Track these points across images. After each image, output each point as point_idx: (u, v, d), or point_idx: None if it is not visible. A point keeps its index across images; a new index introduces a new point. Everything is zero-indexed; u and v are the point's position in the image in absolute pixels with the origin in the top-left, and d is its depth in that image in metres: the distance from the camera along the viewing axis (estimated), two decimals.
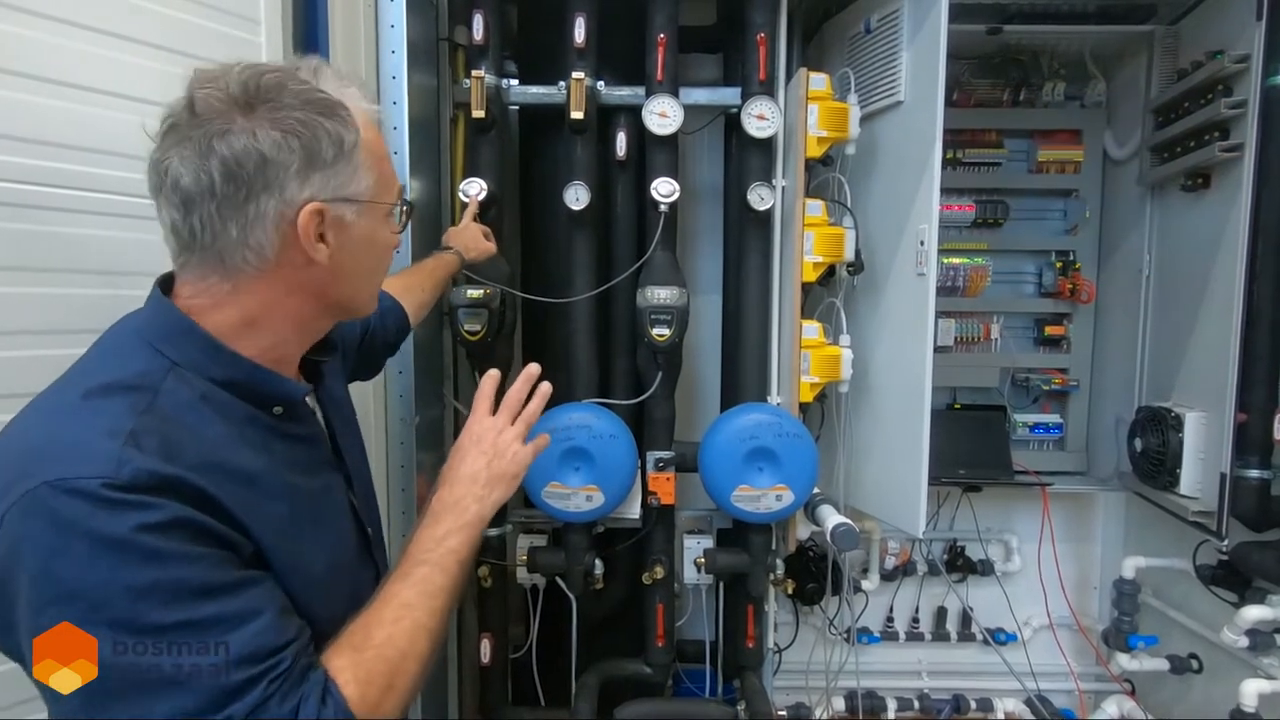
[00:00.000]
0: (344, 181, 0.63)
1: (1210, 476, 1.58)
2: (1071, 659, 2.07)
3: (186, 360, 0.61)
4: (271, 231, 0.60)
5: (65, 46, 0.95)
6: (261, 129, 0.58)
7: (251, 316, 0.63)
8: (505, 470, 0.80)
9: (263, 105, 0.59)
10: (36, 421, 0.58)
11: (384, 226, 0.69)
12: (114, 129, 1.00)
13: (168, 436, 0.55)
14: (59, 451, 0.53)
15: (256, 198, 0.59)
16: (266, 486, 0.61)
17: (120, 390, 0.57)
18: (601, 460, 1.50)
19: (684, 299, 1.52)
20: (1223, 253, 1.56)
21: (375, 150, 0.67)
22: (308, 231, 0.61)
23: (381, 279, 0.74)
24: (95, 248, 0.99)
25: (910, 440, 1.48)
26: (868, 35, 1.63)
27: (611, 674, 1.74)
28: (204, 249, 0.60)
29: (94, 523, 0.51)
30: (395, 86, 1.38)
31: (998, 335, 2.00)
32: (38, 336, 0.96)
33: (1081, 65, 1.91)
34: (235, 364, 0.63)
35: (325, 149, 0.61)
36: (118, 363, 0.60)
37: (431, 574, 0.69)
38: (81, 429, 0.55)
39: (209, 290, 0.62)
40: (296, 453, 0.68)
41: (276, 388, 0.66)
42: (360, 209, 0.65)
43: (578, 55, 1.55)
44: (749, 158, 1.61)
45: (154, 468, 0.53)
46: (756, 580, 1.65)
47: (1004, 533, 2.06)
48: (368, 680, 0.60)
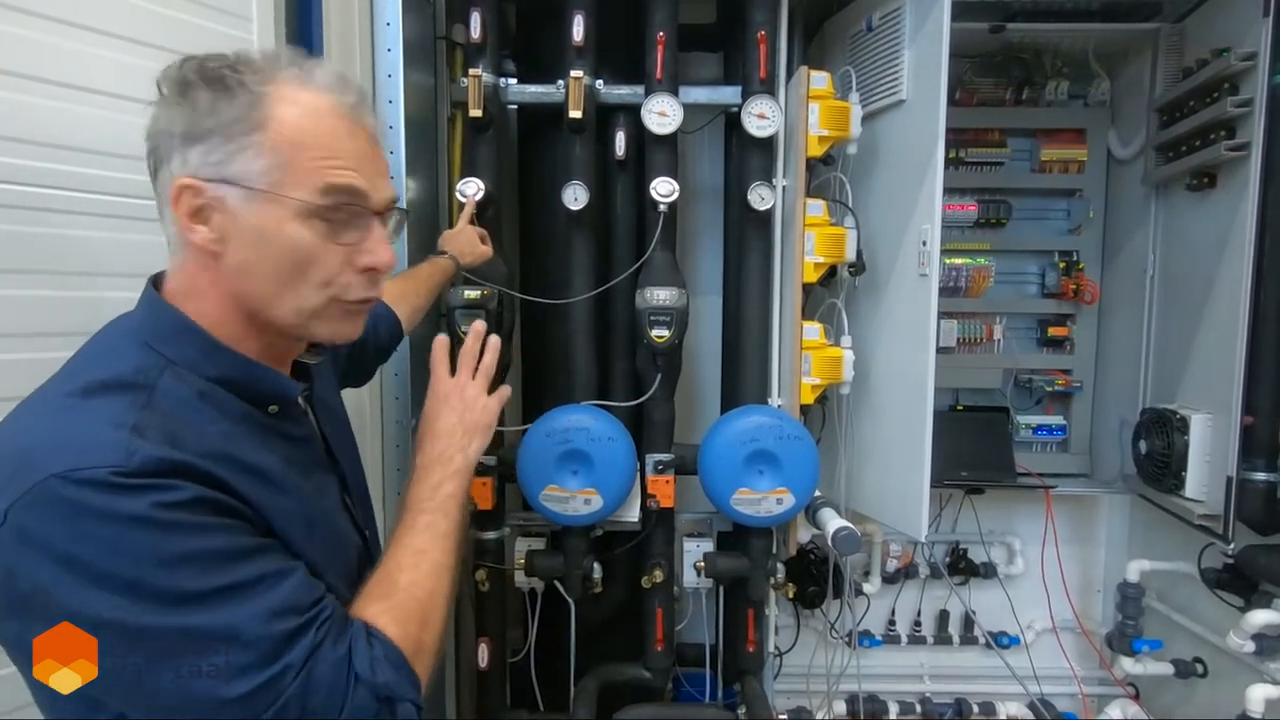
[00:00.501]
0: (223, 160, 0.58)
1: (1216, 479, 1.56)
2: (1075, 662, 2.05)
3: (182, 358, 0.60)
4: (168, 206, 0.60)
5: (57, 45, 0.94)
6: (166, 104, 0.59)
7: (200, 310, 0.62)
8: (478, 421, 0.83)
9: (191, 82, 0.58)
10: (31, 421, 0.56)
11: (296, 225, 0.59)
12: (103, 129, 0.98)
13: (170, 430, 0.54)
14: (62, 445, 0.52)
15: (158, 171, 0.60)
16: (272, 481, 0.60)
17: (118, 387, 0.56)
18: (600, 463, 1.48)
19: (684, 300, 1.51)
20: (1229, 253, 1.54)
21: (300, 138, 0.59)
22: (179, 206, 0.59)
23: (314, 295, 0.62)
24: (86, 249, 0.97)
25: (912, 442, 1.47)
26: (869, 33, 1.62)
27: (610, 678, 1.73)
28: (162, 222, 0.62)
29: (113, 506, 0.50)
30: (391, 85, 1.37)
31: (1000, 336, 1.98)
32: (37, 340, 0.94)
33: (1085, 64, 1.89)
34: (232, 361, 0.62)
35: (204, 117, 0.57)
36: (112, 361, 0.59)
37: (435, 519, 0.72)
38: (83, 423, 0.54)
39: (175, 271, 0.63)
40: (292, 452, 0.67)
41: (272, 385, 0.65)
42: (249, 195, 0.58)
43: (576, 54, 1.54)
44: (749, 157, 1.60)
45: (163, 454, 0.52)
46: (757, 584, 1.63)
47: (1007, 535, 2.05)
48: (405, 619, 0.63)
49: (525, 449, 1.49)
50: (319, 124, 0.60)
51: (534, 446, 1.48)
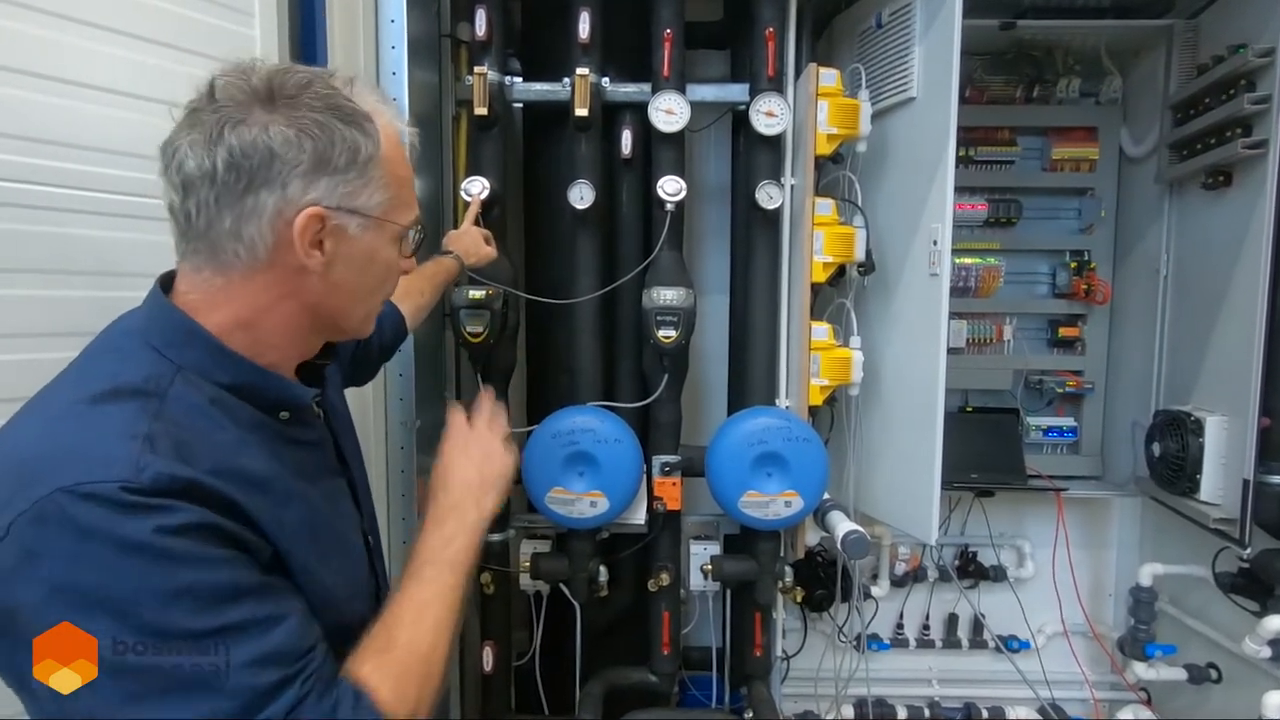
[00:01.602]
0: (353, 191, 0.61)
1: (1232, 482, 1.54)
2: (1086, 667, 2.02)
3: (191, 364, 0.59)
4: (266, 228, 0.58)
5: (58, 41, 0.93)
6: (275, 124, 0.57)
7: (244, 319, 0.61)
8: (495, 472, 0.82)
9: (283, 101, 0.58)
10: (37, 428, 0.55)
11: (390, 248, 0.66)
12: (105, 126, 0.97)
13: (180, 441, 0.54)
14: (71, 457, 0.51)
15: (256, 191, 0.57)
16: (278, 492, 0.60)
17: (128, 394, 0.55)
18: (606, 465, 1.47)
19: (690, 300, 1.49)
20: (1245, 252, 1.51)
21: (396, 170, 0.65)
22: (304, 234, 0.59)
23: (380, 302, 0.71)
24: (89, 248, 0.96)
25: (922, 444, 1.45)
26: (879, 30, 1.60)
27: (616, 682, 1.71)
28: (199, 237, 0.59)
29: (117, 529, 0.49)
30: (395, 83, 1.35)
31: (1010, 337, 1.96)
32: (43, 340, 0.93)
33: (1097, 61, 1.87)
34: (242, 368, 0.61)
35: (338, 155, 0.59)
36: (120, 366, 0.58)
37: (442, 573, 0.70)
38: (92, 433, 0.53)
39: (204, 285, 0.61)
40: (302, 458, 0.67)
41: (285, 392, 0.65)
42: (366, 224, 0.62)
43: (582, 51, 1.52)
44: (757, 155, 1.58)
45: (174, 471, 0.52)
46: (764, 588, 1.62)
47: (1017, 538, 2.02)
48: (397, 679, 0.61)
49: (530, 451, 1.48)
50: (399, 156, 0.66)
51: (539, 448, 1.47)
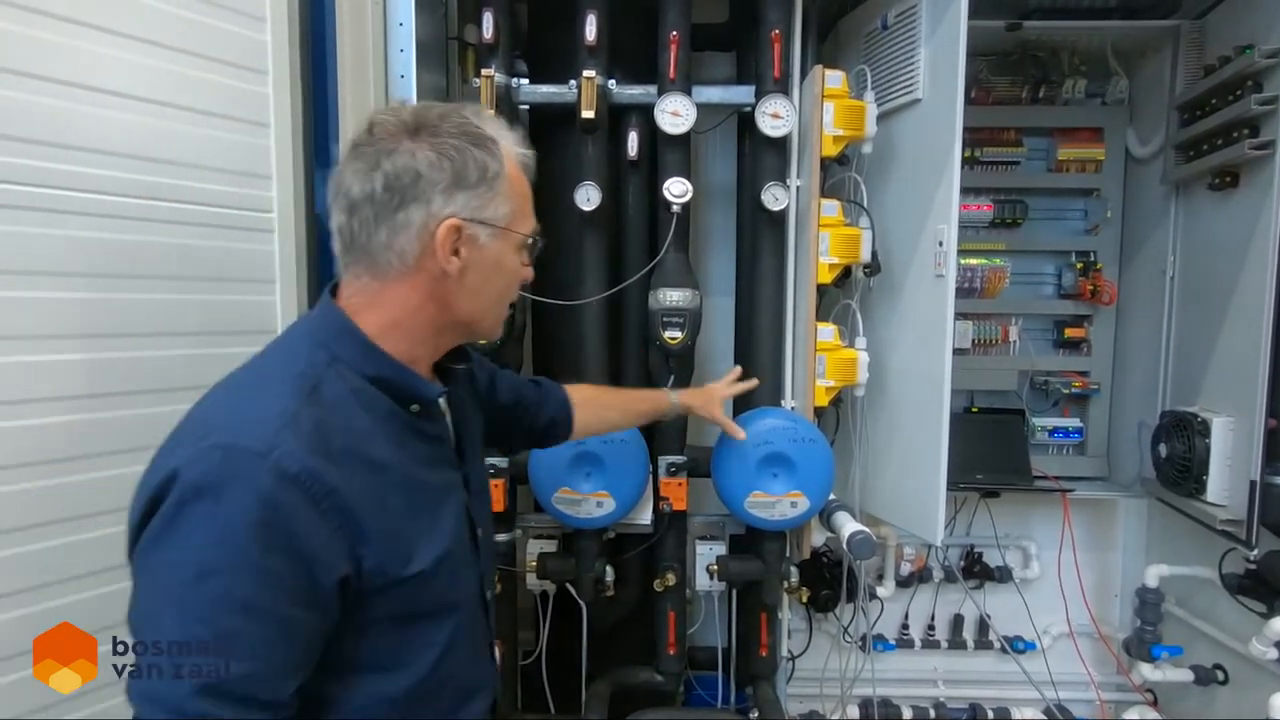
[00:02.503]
0: (483, 204, 0.70)
1: (1239, 484, 1.54)
2: (1092, 668, 2.02)
3: (345, 356, 0.69)
4: (414, 238, 0.68)
5: (68, 45, 0.94)
6: (421, 150, 0.68)
7: (394, 319, 0.71)
8: None
9: (426, 131, 0.69)
10: (220, 398, 0.68)
11: (513, 255, 0.76)
12: (117, 129, 0.98)
13: (322, 420, 0.64)
14: (230, 422, 0.63)
15: (407, 207, 0.68)
16: (393, 478, 0.68)
17: (291, 377, 0.66)
18: (612, 465, 1.47)
19: (696, 301, 1.50)
20: (1252, 253, 1.51)
21: (517, 187, 0.74)
22: (445, 242, 0.69)
23: (505, 306, 0.79)
24: (89, 249, 0.97)
25: (928, 445, 1.45)
26: (884, 31, 1.60)
27: (622, 681, 1.72)
28: (360, 249, 0.70)
29: (227, 489, 0.58)
30: (404, 85, 1.36)
31: (1016, 337, 1.96)
32: (45, 341, 0.94)
33: (1103, 61, 1.87)
34: (384, 362, 0.71)
35: (471, 173, 0.69)
36: (291, 356, 0.70)
37: None
38: (255, 405, 0.64)
39: (363, 290, 0.71)
40: (425, 449, 0.74)
41: (417, 386, 0.73)
42: (494, 233, 0.72)
43: (589, 54, 1.53)
44: (763, 157, 1.58)
45: (301, 455, 0.61)
46: (770, 588, 1.62)
47: (1022, 539, 2.02)
48: None
49: (537, 451, 1.49)
50: (519, 174, 0.75)
51: (546, 448, 1.47)
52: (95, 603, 0.99)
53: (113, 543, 0.99)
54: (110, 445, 1.00)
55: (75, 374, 0.97)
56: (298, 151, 1.18)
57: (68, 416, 0.96)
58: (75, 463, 0.97)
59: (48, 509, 0.95)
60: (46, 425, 0.94)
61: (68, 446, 0.96)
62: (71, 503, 0.97)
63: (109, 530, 1.00)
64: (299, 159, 1.19)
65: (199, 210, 1.08)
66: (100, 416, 0.99)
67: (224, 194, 1.10)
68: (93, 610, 0.98)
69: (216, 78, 1.08)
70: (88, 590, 0.99)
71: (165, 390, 1.04)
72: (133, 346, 1.02)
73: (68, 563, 0.97)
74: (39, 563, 0.95)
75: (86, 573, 0.99)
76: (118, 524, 0.98)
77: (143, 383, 1.03)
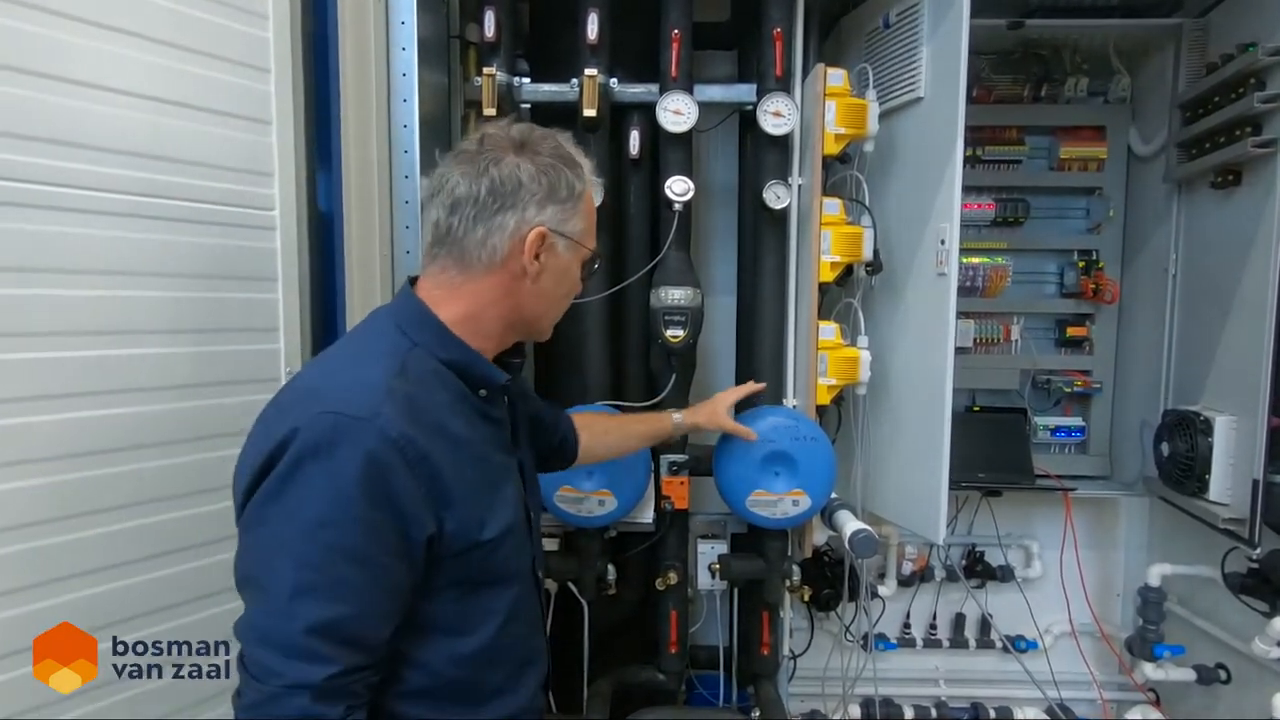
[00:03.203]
0: (566, 218, 0.79)
1: (1241, 482, 1.53)
2: (1094, 667, 2.02)
3: (423, 341, 0.76)
4: (506, 239, 0.77)
5: (67, 41, 0.94)
6: (524, 163, 0.77)
7: (471, 311, 0.79)
8: None
9: (529, 149, 0.78)
10: (318, 372, 0.78)
11: (578, 268, 0.84)
12: (116, 125, 0.98)
13: (411, 395, 0.71)
14: (340, 390, 0.70)
15: (505, 211, 0.76)
16: (467, 452, 0.76)
17: (381, 356, 0.74)
18: (614, 464, 1.47)
19: (698, 299, 1.50)
20: (1255, 251, 1.51)
21: (590, 208, 0.84)
22: (532, 246, 0.77)
23: (562, 312, 0.87)
24: (88, 246, 0.97)
25: (930, 444, 1.45)
26: (886, 30, 1.60)
27: (624, 681, 1.72)
28: (453, 244, 0.77)
29: (335, 454, 0.66)
30: (405, 84, 1.36)
31: (1018, 336, 1.96)
32: (51, 339, 0.94)
33: (1105, 60, 1.86)
34: (459, 348, 0.78)
35: (562, 189, 0.78)
36: (377, 339, 0.78)
37: None
38: (357, 378, 0.72)
39: (446, 283, 0.79)
40: (490, 431, 0.82)
41: (487, 372, 0.80)
42: (569, 245, 0.81)
43: (590, 52, 1.53)
44: (765, 155, 1.58)
45: (400, 423, 0.68)
46: (772, 587, 1.62)
47: (1024, 538, 2.02)
48: None
49: None
50: (592, 199, 0.84)
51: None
52: (95, 601, 0.98)
53: (111, 540, 1.00)
54: (110, 443, 0.99)
55: (75, 372, 0.96)
56: (299, 149, 1.18)
57: (67, 415, 0.95)
58: (76, 460, 0.96)
59: (47, 507, 0.95)
60: (46, 423, 0.94)
61: (68, 445, 0.96)
62: (72, 500, 0.96)
63: (110, 528, 1.00)
64: (301, 156, 1.19)
65: (200, 208, 1.07)
66: (99, 414, 0.98)
67: (225, 191, 1.10)
68: (93, 608, 0.98)
69: (218, 75, 1.08)
70: (88, 589, 0.98)
71: (166, 388, 1.04)
72: (133, 344, 1.02)
73: (68, 560, 0.97)
74: (39, 560, 0.94)
75: (86, 571, 0.98)
76: (117, 521, 1.00)
77: (143, 380, 1.02)
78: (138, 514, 1.02)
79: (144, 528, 1.03)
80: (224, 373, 1.10)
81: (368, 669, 0.68)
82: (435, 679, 0.76)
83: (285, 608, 0.64)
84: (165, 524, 1.05)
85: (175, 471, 1.05)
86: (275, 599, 0.65)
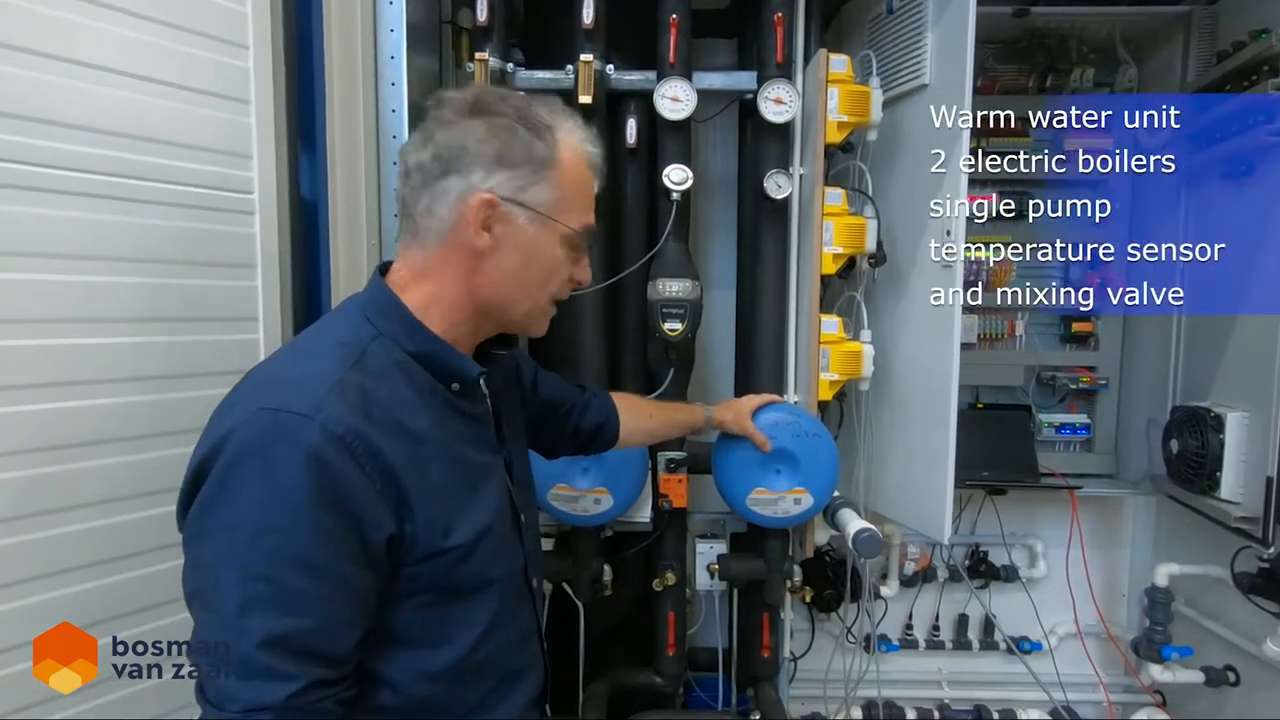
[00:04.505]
0: (524, 186, 0.71)
1: (1254, 480, 1.50)
2: (1100, 669, 1.99)
3: (389, 331, 0.71)
4: (450, 208, 0.70)
5: (33, 11, 0.89)
6: (473, 127, 0.70)
7: (434, 294, 0.73)
8: None
9: (483, 109, 0.71)
10: (280, 362, 0.74)
11: (556, 247, 0.75)
12: (85, 102, 0.93)
13: (365, 389, 0.66)
14: (281, 387, 0.65)
15: (448, 176, 0.70)
16: (432, 450, 0.70)
17: (339, 346, 0.69)
18: (611, 461, 1.43)
19: (697, 292, 1.46)
20: (1268, 243, 1.48)
21: (573, 180, 0.74)
22: (476, 215, 0.70)
23: (544, 299, 0.78)
24: (57, 229, 0.93)
25: (935, 441, 1.42)
26: (890, 16, 1.57)
27: (621, 683, 1.68)
28: (407, 216, 0.74)
29: (274, 454, 0.61)
30: (394, 67, 1.31)
31: (1022, 332, 1.93)
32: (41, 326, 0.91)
33: (1112, 49, 1.83)
34: (426, 339, 0.72)
35: (515, 153, 0.70)
36: (341, 327, 0.73)
37: None
38: (305, 371, 0.67)
39: (409, 263, 0.74)
40: (466, 428, 0.76)
41: (457, 364, 0.74)
42: (534, 218, 0.72)
43: (586, 37, 1.48)
44: (765, 144, 1.54)
45: (347, 418, 0.63)
46: (773, 587, 1.58)
47: (1029, 537, 1.99)
48: None
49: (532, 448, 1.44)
50: (582, 171, 0.76)
51: None
52: (94, 596, 0.96)
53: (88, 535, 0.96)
54: (77, 437, 0.95)
55: (43, 361, 0.92)
56: (280, 130, 1.14)
57: (33, 406, 0.91)
58: (41, 454, 0.92)
59: (25, 501, 0.91)
60: (11, 414, 0.89)
61: (34, 438, 0.91)
62: (41, 497, 0.92)
63: (76, 526, 0.96)
64: (281, 138, 1.14)
65: (174, 190, 1.02)
66: (67, 406, 0.94)
67: (201, 173, 1.05)
68: (93, 606, 0.95)
69: (193, 50, 1.03)
70: (79, 584, 0.95)
71: (141, 379, 1.00)
72: (106, 333, 0.97)
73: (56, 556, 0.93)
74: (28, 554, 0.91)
75: (73, 566, 0.95)
76: (97, 517, 0.96)
77: (117, 371, 0.98)
78: (105, 512, 0.98)
79: (111, 527, 0.98)
80: (200, 364, 1.05)
81: (338, 683, 0.63)
82: (402, 697, 0.69)
83: (235, 623, 0.59)
84: (136, 523, 1.00)
85: (146, 467, 1.01)
86: (224, 615, 0.60)
